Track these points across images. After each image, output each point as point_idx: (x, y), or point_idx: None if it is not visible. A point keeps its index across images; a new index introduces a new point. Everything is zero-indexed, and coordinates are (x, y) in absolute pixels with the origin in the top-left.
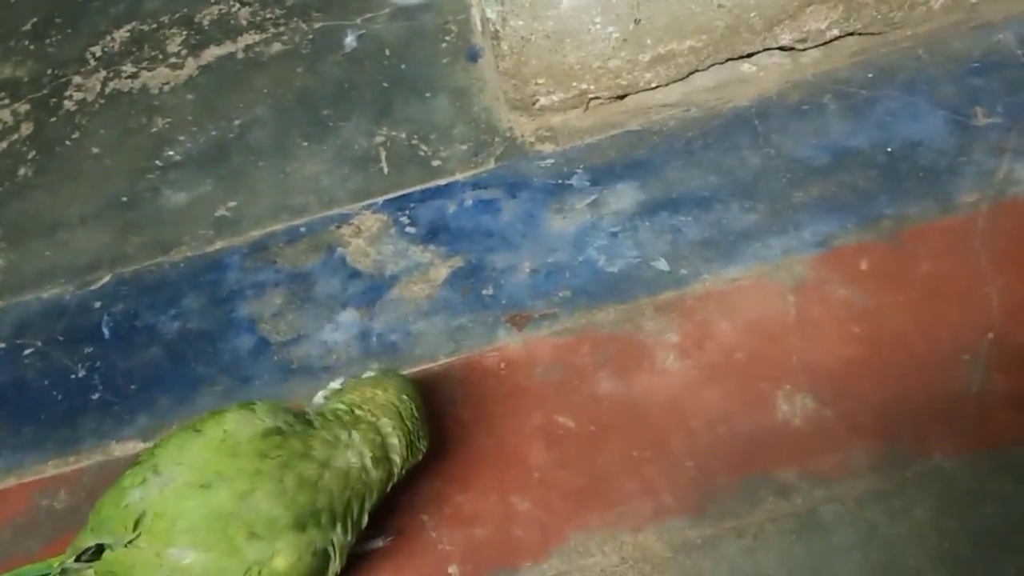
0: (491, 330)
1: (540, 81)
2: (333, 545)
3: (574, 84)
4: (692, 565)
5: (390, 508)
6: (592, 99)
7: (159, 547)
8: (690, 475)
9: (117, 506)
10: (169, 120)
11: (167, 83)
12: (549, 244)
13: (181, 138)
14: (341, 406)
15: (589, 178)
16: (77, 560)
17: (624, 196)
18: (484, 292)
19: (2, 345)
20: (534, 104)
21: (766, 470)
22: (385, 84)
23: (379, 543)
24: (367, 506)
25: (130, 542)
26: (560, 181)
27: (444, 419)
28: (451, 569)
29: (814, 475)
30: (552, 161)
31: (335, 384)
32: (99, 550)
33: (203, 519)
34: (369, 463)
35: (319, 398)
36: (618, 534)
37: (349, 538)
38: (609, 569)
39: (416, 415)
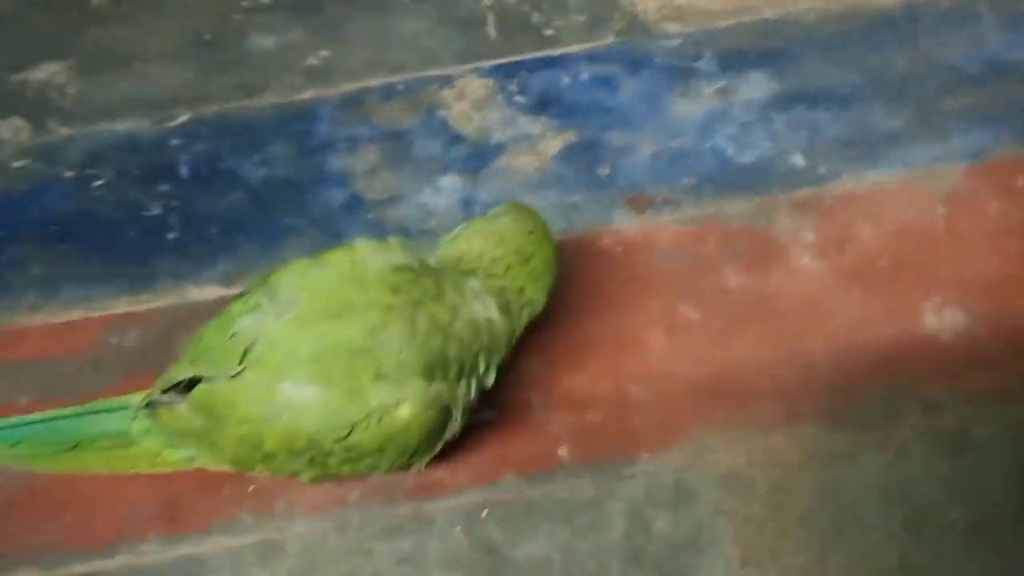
0: (607, 210)
1: None
2: (456, 401)
3: None
4: (827, 474)
5: (496, 383)
6: None
7: (270, 380)
8: (827, 381)
9: (222, 335)
10: None
11: None
12: (673, 127)
13: None
14: (453, 255)
15: (718, 63)
16: (165, 392)
17: (757, 85)
18: (600, 171)
19: (71, 174)
20: None
21: (911, 383)
22: None
23: (484, 415)
24: (494, 361)
25: (236, 375)
26: (686, 63)
27: (554, 298)
28: (560, 451)
29: (965, 393)
30: (678, 42)
31: (459, 229)
32: (193, 384)
33: (329, 351)
34: (495, 313)
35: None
36: (746, 434)
37: (472, 397)
38: (736, 469)
39: (528, 260)
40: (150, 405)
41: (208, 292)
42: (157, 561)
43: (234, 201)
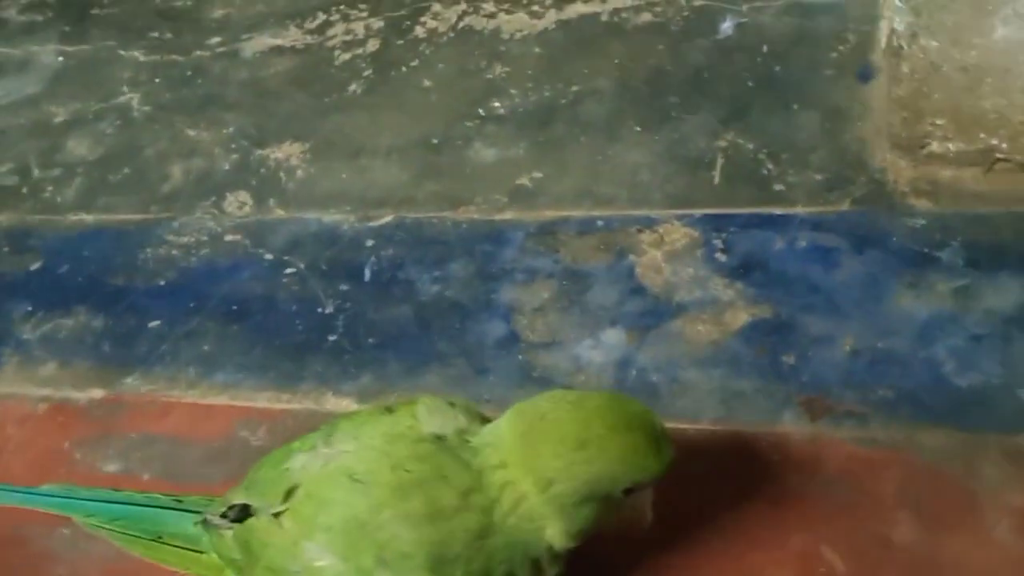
0: (777, 408)
1: (939, 122)
2: None
3: (981, 136)
4: None
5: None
6: (999, 160)
7: (298, 535)
8: None
9: (277, 468)
10: (508, 70)
11: (520, 31)
12: (887, 324)
13: (512, 91)
14: (493, 445)
15: (965, 257)
16: (223, 516)
17: (1006, 293)
18: (784, 358)
19: (269, 257)
20: (922, 148)
21: None
22: (750, 83)
23: None
24: (519, 570)
25: (277, 514)
26: (926, 250)
27: (686, 493)
28: None
29: None
30: (923, 222)
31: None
32: (245, 512)
33: (341, 520)
34: (511, 522)
35: None
36: None
37: None
38: None
39: (592, 488)
40: (206, 523)
41: (342, 404)
42: None
43: (400, 315)
